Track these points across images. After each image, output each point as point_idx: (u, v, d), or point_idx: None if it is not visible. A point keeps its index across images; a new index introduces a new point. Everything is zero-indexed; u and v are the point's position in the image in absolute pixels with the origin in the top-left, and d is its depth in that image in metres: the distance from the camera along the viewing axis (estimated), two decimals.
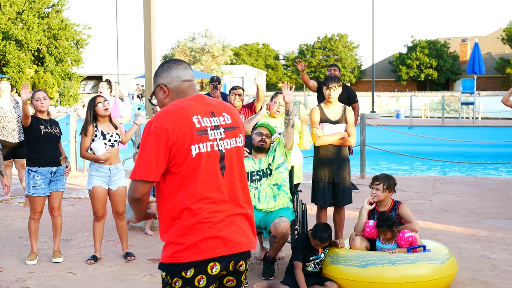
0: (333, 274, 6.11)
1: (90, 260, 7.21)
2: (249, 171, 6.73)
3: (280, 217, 6.37)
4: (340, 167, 7.39)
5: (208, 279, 3.29)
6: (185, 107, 3.33)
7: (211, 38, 55.92)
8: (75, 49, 52.26)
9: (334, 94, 7.35)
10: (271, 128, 6.85)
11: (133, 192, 3.31)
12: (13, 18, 48.29)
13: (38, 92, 7.24)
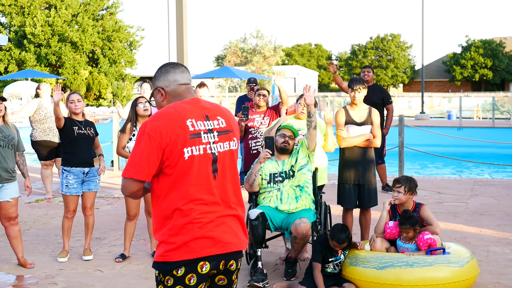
0: (352, 275, 6.14)
1: (119, 258, 7.38)
2: (272, 172, 6.80)
3: (301, 218, 6.42)
4: (365, 168, 7.40)
5: (198, 277, 3.38)
6: (180, 110, 3.43)
7: (262, 39, 56.07)
8: (129, 50, 53.13)
9: (359, 96, 7.37)
10: (294, 129, 6.91)
11: (123, 190, 3.44)
12: (69, 21, 49.34)
13: (72, 95, 7.45)
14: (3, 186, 6.90)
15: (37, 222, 9.49)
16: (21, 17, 49.33)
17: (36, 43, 48.62)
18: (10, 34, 50.40)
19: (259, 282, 6.32)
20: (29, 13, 49.16)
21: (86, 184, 7.40)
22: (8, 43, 49.46)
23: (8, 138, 6.91)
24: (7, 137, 6.90)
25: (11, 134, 6.97)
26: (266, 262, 7.23)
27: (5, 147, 6.88)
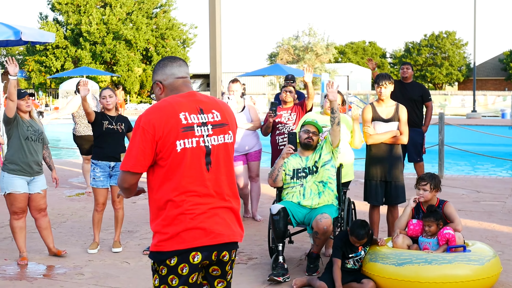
0: (371, 271, 6.14)
1: (146, 251, 7.51)
2: (295, 168, 6.84)
3: (322, 214, 6.44)
4: (392, 165, 7.37)
5: (190, 267, 3.46)
6: (174, 103, 3.51)
7: (315, 37, 55.84)
8: (182, 48, 53.69)
9: (385, 92, 7.34)
10: (318, 125, 6.92)
11: (122, 182, 3.53)
12: (123, 19, 50.15)
13: (104, 90, 7.63)
14: (34, 178, 7.11)
15: (74, 215, 9.72)
16: (77, 16, 50.36)
17: (91, 41, 49.58)
18: (67, 32, 51.50)
19: (279, 277, 6.36)
20: (85, 12, 50.15)
21: (114, 178, 7.56)
22: (65, 41, 50.58)
23: (38, 133, 7.11)
24: (37, 132, 7.11)
25: (40, 129, 7.18)
26: (291, 257, 7.28)
27: (36, 141, 7.08)
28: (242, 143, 8.95)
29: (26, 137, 6.99)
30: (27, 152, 6.98)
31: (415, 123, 10.99)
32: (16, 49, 62.69)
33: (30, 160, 7.00)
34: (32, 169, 7.04)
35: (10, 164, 6.99)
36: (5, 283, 6.52)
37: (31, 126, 7.06)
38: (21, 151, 6.97)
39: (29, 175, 7.03)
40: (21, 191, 7.00)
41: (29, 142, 7.00)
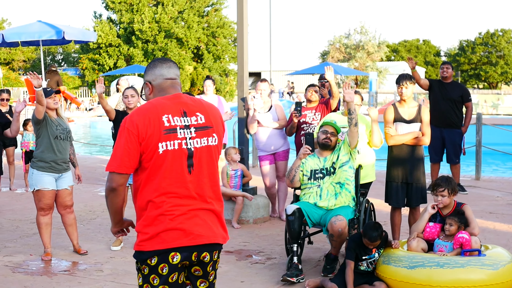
0: (383, 274, 6.09)
1: None
2: (313, 169, 6.82)
3: (336, 216, 6.42)
4: (414, 167, 7.29)
5: (170, 267, 3.51)
6: (158, 106, 3.56)
7: (366, 35, 55.45)
8: (233, 46, 53.84)
9: (406, 92, 7.26)
10: (336, 126, 6.89)
11: (110, 183, 3.58)
12: (175, 17, 50.61)
13: (126, 90, 7.75)
14: (62, 175, 7.27)
15: (105, 212, 9.87)
16: (130, 14, 51.02)
17: (143, 39, 50.15)
18: (120, 30, 52.24)
19: (292, 277, 6.36)
20: (138, 10, 50.76)
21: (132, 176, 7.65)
22: (118, 39, 51.33)
23: (66, 131, 7.27)
24: (65, 130, 7.26)
25: (67, 127, 7.33)
26: (310, 258, 7.28)
27: (64, 139, 7.24)
28: (268, 143, 8.97)
29: (56, 136, 7.14)
30: (56, 151, 7.13)
31: (454, 124, 10.84)
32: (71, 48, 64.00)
33: (58, 158, 7.16)
34: (61, 167, 7.20)
35: (39, 162, 7.15)
36: (26, 277, 6.69)
37: (60, 125, 7.22)
38: (50, 149, 7.12)
39: (57, 172, 7.19)
40: (49, 188, 7.16)
41: (58, 141, 7.15)
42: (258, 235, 8.38)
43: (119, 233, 3.85)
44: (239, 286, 6.40)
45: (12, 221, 9.32)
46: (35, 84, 7.00)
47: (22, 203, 10.57)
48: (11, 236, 8.43)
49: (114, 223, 3.76)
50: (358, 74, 48.37)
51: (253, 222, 9.00)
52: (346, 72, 44.03)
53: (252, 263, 7.13)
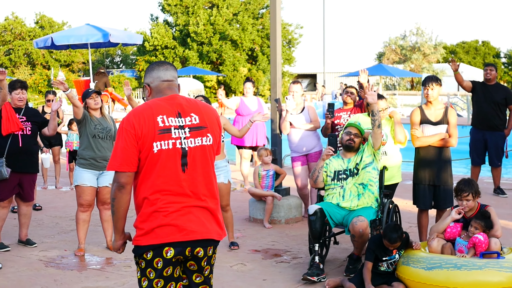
0: (402, 274, 6.12)
1: None
2: (337, 169, 6.89)
3: (358, 216, 6.47)
4: (441, 169, 7.29)
5: (164, 261, 3.66)
6: (153, 106, 3.71)
7: (422, 36, 54.90)
8: (287, 48, 53.94)
9: (432, 94, 7.26)
10: (360, 127, 6.94)
11: (116, 182, 3.69)
12: (230, 19, 50.99)
13: None
14: (103, 173, 7.52)
15: None
16: (186, 17, 51.64)
17: (198, 41, 50.69)
18: (175, 32, 52.93)
19: (313, 276, 6.44)
20: (193, 13, 51.35)
21: None
22: (173, 42, 52.03)
23: (106, 130, 7.52)
24: (105, 129, 7.52)
25: (109, 126, 7.58)
26: (335, 258, 7.34)
27: (104, 138, 7.48)
28: (301, 144, 9.05)
29: (94, 135, 7.39)
30: (95, 149, 7.39)
31: (497, 126, 10.72)
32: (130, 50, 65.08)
33: (97, 156, 7.41)
34: (101, 164, 7.45)
35: (80, 159, 7.45)
36: (57, 272, 6.94)
37: (100, 124, 7.48)
38: (90, 147, 7.39)
39: (97, 169, 7.44)
40: (88, 184, 7.43)
41: (96, 140, 7.41)
42: (288, 235, 8.47)
43: (121, 248, 3.94)
44: (261, 284, 6.51)
45: (52, 218, 9.65)
46: (62, 89, 7.33)
47: (65, 201, 10.91)
48: (50, 232, 8.73)
49: (118, 233, 3.86)
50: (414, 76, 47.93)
51: (285, 222, 9.10)
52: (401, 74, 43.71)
53: (277, 262, 7.23)
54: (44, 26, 57.23)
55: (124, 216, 3.79)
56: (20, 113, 7.67)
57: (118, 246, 3.93)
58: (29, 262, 7.30)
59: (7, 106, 7.38)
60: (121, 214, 3.75)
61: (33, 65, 58.41)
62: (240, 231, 8.70)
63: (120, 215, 3.76)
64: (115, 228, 3.85)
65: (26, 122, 7.64)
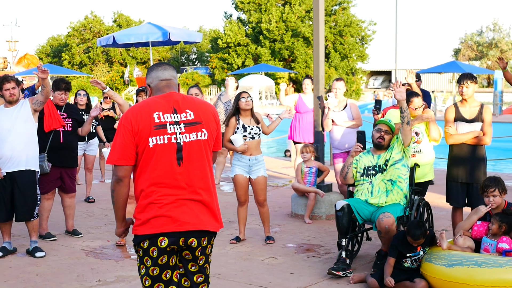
0: (425, 271, 6.13)
1: (233, 240, 7.96)
2: (366, 165, 6.95)
3: (384, 213, 6.52)
4: (474, 166, 7.24)
5: (159, 250, 3.86)
6: (150, 103, 3.92)
7: (499, 32, 53.57)
8: (360, 45, 53.62)
9: (467, 92, 7.21)
10: (391, 125, 6.98)
11: (115, 175, 3.94)
12: (302, 16, 51.06)
13: (191, 89, 8.21)
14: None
15: None
16: (258, 14, 52.03)
17: (271, 38, 51.00)
18: (248, 30, 53.38)
19: (338, 271, 6.53)
20: (266, 10, 51.67)
21: None
22: (246, 39, 52.51)
23: None
24: None
25: None
26: (367, 254, 7.40)
27: None
28: (342, 141, 9.12)
29: None
30: None
31: None
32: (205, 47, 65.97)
33: None
34: None
35: None
36: (95, 261, 7.26)
37: None
38: None
39: None
40: None
41: None
42: (326, 230, 8.56)
43: (123, 234, 4.20)
44: (287, 277, 6.65)
45: (103, 210, 10.03)
46: (99, 88, 7.72)
47: None
48: (97, 223, 9.11)
49: (119, 221, 4.10)
50: (491, 73, 46.84)
51: (326, 218, 9.18)
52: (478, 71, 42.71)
53: (308, 257, 7.35)
54: (121, 24, 58.66)
55: (123, 206, 4.00)
56: (61, 109, 8.03)
57: (120, 233, 4.17)
58: (72, 251, 7.65)
59: (49, 103, 7.74)
60: (120, 204, 3.98)
61: (111, 63, 60.01)
62: (280, 225, 8.86)
63: (119, 205, 3.98)
64: (116, 216, 4.08)
65: (67, 118, 8.00)
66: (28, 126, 7.34)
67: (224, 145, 7.90)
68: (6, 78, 7.29)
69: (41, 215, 8.04)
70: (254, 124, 7.80)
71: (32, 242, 7.54)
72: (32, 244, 7.52)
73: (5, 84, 7.28)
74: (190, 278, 4.03)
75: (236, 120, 7.79)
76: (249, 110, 7.80)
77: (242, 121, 7.79)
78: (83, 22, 61.29)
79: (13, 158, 7.24)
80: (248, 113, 7.82)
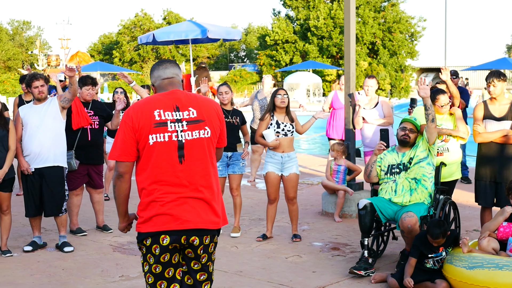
0: (446, 272, 6.04)
1: (259, 238, 7.96)
2: (391, 163, 6.87)
3: (407, 212, 6.43)
4: (503, 165, 7.09)
5: (161, 248, 3.88)
6: (151, 101, 3.95)
7: None
8: (409, 41, 53.02)
9: (495, 90, 7.06)
10: (416, 123, 6.88)
11: (116, 171, 3.99)
12: None
13: (221, 87, 8.20)
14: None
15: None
16: (306, 11, 51.91)
17: (318, 35, 50.83)
18: (296, 27, 53.27)
19: (360, 270, 6.47)
20: (314, 7, 51.50)
21: (231, 167, 8.09)
22: (294, 36, 52.43)
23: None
24: None
25: None
26: (393, 253, 7.32)
27: None
28: (374, 139, 9.02)
29: None
30: None
31: None
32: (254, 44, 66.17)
33: None
34: None
35: None
36: (121, 256, 7.36)
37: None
38: None
39: None
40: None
41: None
42: (355, 229, 8.47)
43: (125, 229, 4.23)
44: (309, 275, 6.62)
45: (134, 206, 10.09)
46: (126, 81, 7.80)
47: None
48: None
49: (121, 217, 4.15)
50: None
51: (356, 216, 9.09)
52: None
53: (333, 256, 7.30)
54: (171, 22, 59.20)
55: (125, 201, 4.04)
56: (88, 107, 8.15)
57: (122, 228, 4.22)
58: (100, 247, 7.76)
59: (76, 101, 7.87)
60: (122, 200, 4.02)
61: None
62: (309, 224, 8.82)
63: (121, 201, 4.03)
64: (118, 212, 4.13)
65: (94, 116, 8.12)
66: (56, 123, 7.47)
67: (256, 140, 7.95)
68: (35, 76, 7.45)
69: (70, 211, 8.19)
70: (288, 122, 7.78)
71: (61, 237, 7.68)
72: (61, 239, 7.66)
73: (34, 82, 7.43)
74: (193, 276, 4.04)
75: (271, 116, 7.80)
76: (284, 107, 7.79)
77: (277, 117, 7.79)
78: (133, 20, 62.10)
79: (41, 155, 7.38)
80: (283, 111, 7.81)
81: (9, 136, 7.21)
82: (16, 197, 9.92)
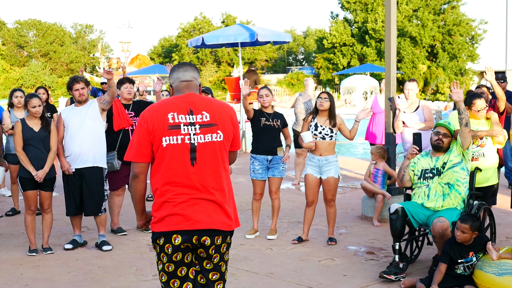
0: (476, 279, 5.96)
1: (295, 241, 8.00)
2: (424, 168, 6.83)
3: (439, 217, 6.38)
4: None
5: (173, 247, 3.97)
6: (166, 104, 4.04)
7: None
8: (470, 44, 52.11)
9: None
10: (449, 127, 6.82)
11: (132, 171, 4.11)
12: (409, 16, 50.17)
13: (261, 90, 8.27)
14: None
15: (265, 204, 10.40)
16: (365, 14, 51.58)
17: (376, 38, 50.43)
18: (354, 30, 52.99)
19: (389, 275, 6.45)
20: (372, 10, 51.13)
21: (271, 171, 8.15)
22: (352, 39, 52.17)
23: None
24: None
25: None
26: (427, 259, 7.25)
27: None
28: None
29: None
30: None
31: None
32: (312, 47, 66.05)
33: None
34: None
35: None
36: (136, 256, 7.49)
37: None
38: None
39: None
40: None
41: None
42: None
43: (144, 226, 4.34)
44: (339, 279, 6.63)
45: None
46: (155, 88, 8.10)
47: None
48: None
49: (139, 215, 4.25)
50: None
51: None
52: None
53: (366, 260, 7.29)
54: (229, 25, 59.58)
55: (141, 200, 4.15)
56: (129, 108, 8.33)
57: (141, 225, 4.31)
58: (137, 246, 7.93)
59: (117, 103, 8.06)
60: (138, 199, 4.14)
61: (219, 63, 61.09)
62: (347, 227, 8.81)
63: (138, 200, 4.14)
64: (135, 210, 4.24)
65: (135, 117, 8.29)
66: (96, 125, 7.67)
67: (299, 141, 8.06)
68: (76, 79, 7.67)
69: (112, 211, 8.38)
70: (328, 126, 7.79)
71: (100, 236, 7.88)
72: (100, 238, 7.86)
73: (75, 85, 7.65)
74: (206, 275, 4.12)
75: (312, 118, 7.85)
76: (326, 111, 7.81)
77: (317, 120, 7.83)
78: (192, 23, 62.82)
79: (82, 155, 7.59)
80: (325, 114, 7.82)
81: (51, 137, 7.45)
82: (61, 196, 10.20)
